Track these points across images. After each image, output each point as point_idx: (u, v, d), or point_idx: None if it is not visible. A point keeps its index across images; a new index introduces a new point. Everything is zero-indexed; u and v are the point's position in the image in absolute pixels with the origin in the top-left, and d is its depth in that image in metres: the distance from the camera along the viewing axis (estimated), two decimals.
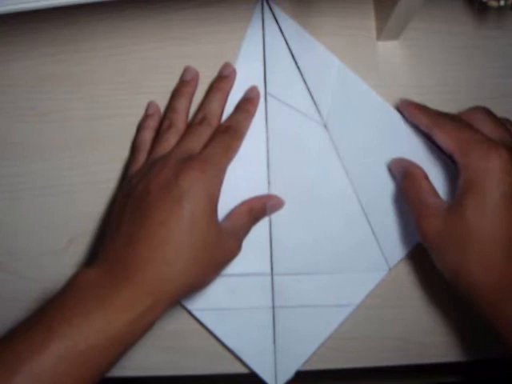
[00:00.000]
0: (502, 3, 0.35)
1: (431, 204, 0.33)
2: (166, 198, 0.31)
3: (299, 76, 0.40)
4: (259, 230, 0.38)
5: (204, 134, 0.36)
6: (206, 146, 0.35)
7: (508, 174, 0.30)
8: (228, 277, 0.38)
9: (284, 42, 0.40)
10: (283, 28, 0.40)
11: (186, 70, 0.40)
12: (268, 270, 0.38)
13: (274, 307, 0.38)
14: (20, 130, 0.42)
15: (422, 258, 0.37)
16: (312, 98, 0.39)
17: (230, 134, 0.36)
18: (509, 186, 0.30)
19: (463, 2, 0.42)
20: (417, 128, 0.38)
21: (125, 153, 0.41)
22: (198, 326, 0.39)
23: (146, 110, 0.40)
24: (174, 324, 0.39)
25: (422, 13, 0.39)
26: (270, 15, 0.40)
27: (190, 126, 0.37)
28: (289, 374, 0.37)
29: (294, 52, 0.40)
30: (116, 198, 0.36)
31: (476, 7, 0.41)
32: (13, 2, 0.29)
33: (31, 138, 0.41)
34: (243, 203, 0.37)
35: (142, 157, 0.37)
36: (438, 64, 0.41)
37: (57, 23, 0.42)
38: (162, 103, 0.41)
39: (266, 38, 0.40)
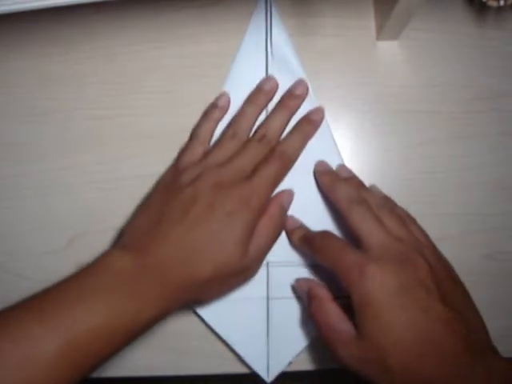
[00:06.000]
0: (501, 3, 0.35)
1: (342, 331, 0.32)
2: (208, 217, 0.33)
3: (302, 71, 0.40)
4: None
5: (259, 153, 0.36)
6: (258, 167, 0.36)
7: (384, 288, 0.30)
8: None
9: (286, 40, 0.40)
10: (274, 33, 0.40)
11: (266, 80, 0.39)
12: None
13: (268, 298, 0.38)
14: (20, 130, 0.42)
15: None
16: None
17: (282, 162, 0.37)
18: (392, 296, 0.30)
19: (463, 2, 0.42)
20: None
21: (124, 153, 0.41)
22: (197, 326, 0.39)
23: (217, 99, 0.40)
24: (174, 324, 0.39)
25: (422, 13, 0.39)
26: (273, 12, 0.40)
27: (250, 142, 0.37)
28: (281, 366, 0.37)
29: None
30: (161, 179, 0.38)
31: (476, 7, 0.42)
32: (13, 2, 0.29)
33: (31, 138, 0.41)
34: (264, 216, 0.36)
35: (198, 148, 0.37)
36: (438, 64, 0.41)
37: (57, 23, 0.42)
38: (162, 103, 0.41)
39: (269, 34, 0.40)
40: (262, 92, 0.39)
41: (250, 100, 0.39)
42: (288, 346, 0.38)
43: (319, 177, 0.38)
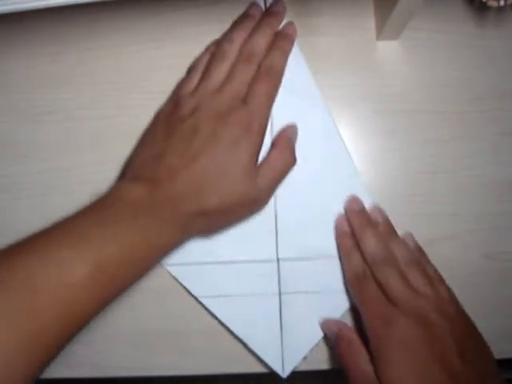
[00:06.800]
0: (501, 3, 0.35)
1: (367, 372, 0.33)
2: (211, 147, 0.34)
3: (304, 65, 0.40)
4: (264, 216, 0.38)
5: (250, 73, 0.37)
6: (250, 89, 0.36)
7: (404, 342, 0.32)
8: (235, 263, 0.38)
9: None
10: None
11: (252, 5, 0.40)
12: (274, 256, 0.38)
13: (280, 294, 0.38)
14: (20, 129, 0.42)
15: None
16: None
17: (271, 77, 0.37)
18: (410, 350, 0.32)
19: (463, 2, 0.42)
20: None
21: (125, 153, 0.41)
22: (198, 326, 0.39)
23: (222, 39, 0.40)
24: (174, 324, 0.39)
25: (422, 13, 0.39)
26: None
27: (238, 64, 0.37)
28: (296, 360, 0.38)
29: None
30: (160, 111, 0.38)
31: (476, 7, 0.41)
32: (13, 2, 0.29)
33: (31, 138, 0.41)
34: (275, 150, 0.37)
35: (195, 78, 0.38)
36: (438, 64, 0.41)
37: (57, 23, 0.42)
38: (162, 103, 0.41)
39: None
40: (247, 17, 0.40)
41: (236, 25, 0.39)
42: (302, 340, 0.38)
43: (349, 214, 0.38)
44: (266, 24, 0.39)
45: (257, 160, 0.35)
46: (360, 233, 0.36)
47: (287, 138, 0.38)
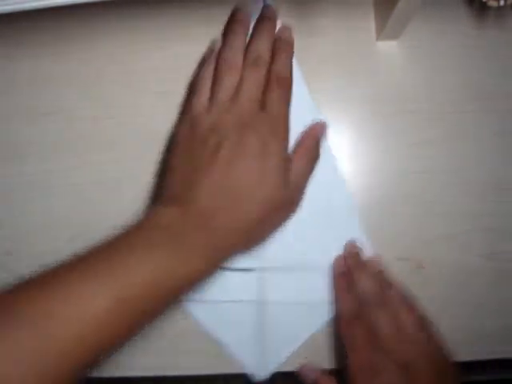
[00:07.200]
0: (501, 3, 0.35)
1: None
2: (241, 157, 0.33)
3: (298, 73, 0.40)
4: None
5: (260, 76, 0.36)
6: (266, 96, 0.35)
7: None
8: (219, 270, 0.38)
9: None
10: None
11: (237, 11, 0.40)
12: (258, 265, 0.38)
13: (261, 302, 0.38)
14: (22, 130, 0.42)
15: (418, 256, 0.37)
16: None
17: (284, 82, 0.36)
18: None
19: (463, 2, 0.42)
20: None
21: (126, 152, 0.41)
22: (197, 327, 0.39)
23: (211, 45, 0.40)
24: (174, 324, 0.39)
25: (422, 13, 0.39)
26: None
27: (247, 69, 0.36)
28: (273, 366, 0.38)
29: None
30: (178, 135, 0.36)
31: (476, 7, 0.42)
32: (13, 2, 0.29)
33: (33, 138, 0.42)
34: (300, 148, 0.36)
35: (204, 94, 0.37)
36: (438, 64, 0.41)
37: (59, 23, 0.42)
38: (163, 103, 0.41)
39: None
40: (237, 22, 0.39)
41: (230, 32, 0.38)
42: (280, 347, 0.38)
43: (347, 257, 0.39)
44: (264, 28, 0.38)
45: (288, 162, 0.35)
46: (355, 274, 0.37)
47: (315, 137, 0.37)
